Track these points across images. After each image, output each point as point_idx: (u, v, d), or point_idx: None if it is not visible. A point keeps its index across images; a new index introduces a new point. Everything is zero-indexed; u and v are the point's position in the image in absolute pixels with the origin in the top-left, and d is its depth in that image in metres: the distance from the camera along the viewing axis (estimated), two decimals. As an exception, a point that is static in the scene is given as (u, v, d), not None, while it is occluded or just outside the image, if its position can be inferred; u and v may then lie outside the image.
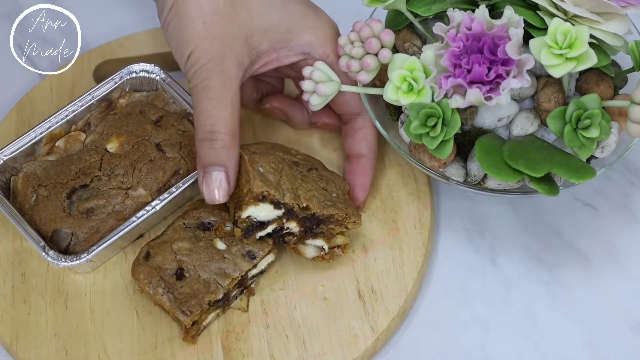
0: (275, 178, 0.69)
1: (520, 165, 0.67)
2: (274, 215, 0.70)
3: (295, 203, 0.69)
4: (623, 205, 0.82)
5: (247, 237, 0.70)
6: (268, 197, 0.68)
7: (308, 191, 0.70)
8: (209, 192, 0.69)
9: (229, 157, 0.68)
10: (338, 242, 0.73)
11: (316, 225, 0.71)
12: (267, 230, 0.71)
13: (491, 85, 0.67)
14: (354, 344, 0.73)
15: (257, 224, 0.70)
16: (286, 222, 0.70)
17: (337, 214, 0.71)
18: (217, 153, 0.68)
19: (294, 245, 0.72)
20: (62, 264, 0.72)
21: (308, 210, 0.70)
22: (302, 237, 0.72)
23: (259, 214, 0.69)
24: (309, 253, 0.73)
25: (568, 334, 0.75)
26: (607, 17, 0.69)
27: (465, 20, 0.68)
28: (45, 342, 0.73)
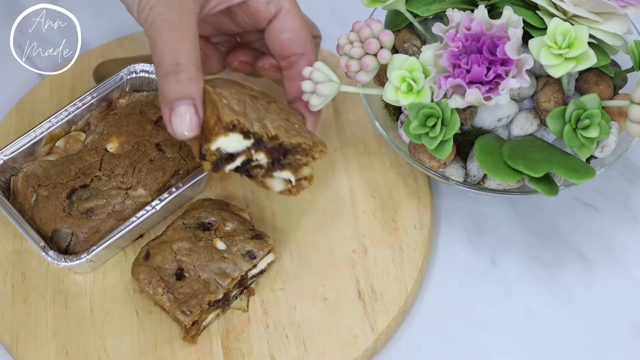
0: (241, 108, 0.67)
1: (520, 165, 0.67)
2: (243, 146, 0.67)
3: (264, 132, 0.67)
4: (623, 205, 0.82)
5: (217, 170, 0.67)
6: (238, 126, 0.65)
7: (274, 121, 0.68)
8: (179, 127, 0.65)
9: (196, 89, 0.65)
10: (304, 173, 0.71)
11: (283, 156, 0.69)
12: (235, 163, 0.68)
13: (490, 85, 0.67)
14: (354, 344, 0.73)
15: (226, 157, 0.67)
16: (255, 154, 0.68)
17: (304, 142, 0.69)
18: (183, 86, 0.65)
19: (261, 179, 0.70)
20: (62, 264, 0.72)
21: (276, 140, 0.67)
22: (269, 169, 0.69)
23: (228, 145, 0.66)
24: (276, 186, 0.71)
25: (568, 333, 0.75)
26: (606, 17, 0.69)
27: (465, 21, 0.68)
28: (45, 342, 0.73)
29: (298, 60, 0.72)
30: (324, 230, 0.78)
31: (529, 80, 0.67)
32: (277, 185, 0.71)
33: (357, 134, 0.83)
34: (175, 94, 0.65)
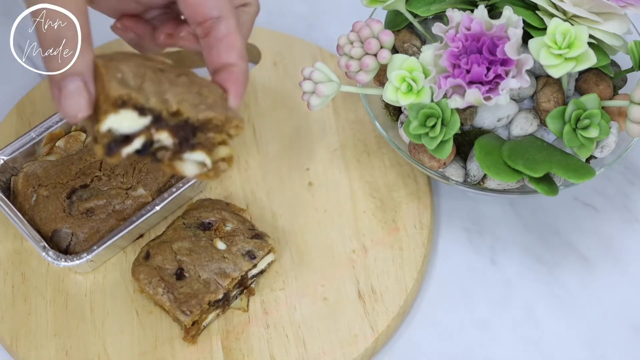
0: (137, 82, 0.58)
1: (520, 166, 0.67)
2: (140, 125, 0.58)
3: (163, 107, 0.58)
4: (623, 205, 0.82)
5: (111, 154, 0.58)
6: (129, 102, 0.56)
7: (178, 95, 0.59)
8: (69, 107, 0.56)
9: (85, 64, 0.57)
10: (221, 154, 0.61)
11: (192, 134, 0.60)
12: (134, 145, 0.58)
13: (490, 86, 0.67)
14: (354, 344, 0.73)
15: (120, 138, 0.57)
16: (156, 133, 0.58)
17: (215, 117, 0.59)
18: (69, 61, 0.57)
19: (169, 162, 0.60)
20: (62, 264, 0.72)
21: (180, 116, 0.58)
22: (177, 150, 0.60)
23: (120, 125, 0.57)
24: (189, 170, 0.61)
25: (568, 333, 0.75)
26: (606, 17, 0.69)
27: (464, 21, 0.68)
28: (45, 342, 0.73)
29: (214, 25, 0.63)
30: (324, 230, 0.78)
31: (528, 81, 0.67)
32: (189, 169, 0.61)
33: (357, 134, 0.83)
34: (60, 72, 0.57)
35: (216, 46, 0.63)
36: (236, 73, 0.63)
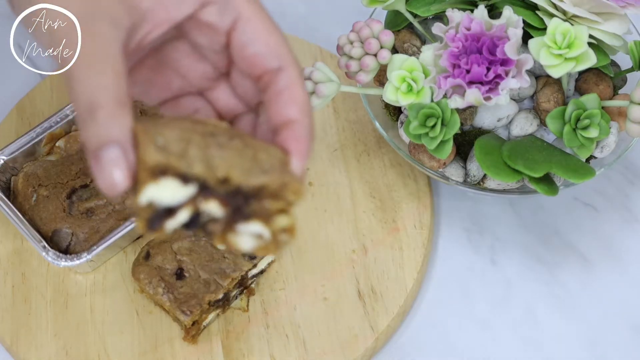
0: (180, 147, 0.52)
1: (520, 166, 0.67)
2: (184, 195, 0.51)
3: (210, 174, 0.51)
4: (623, 205, 0.82)
5: (154, 229, 0.51)
6: (170, 169, 0.50)
7: (227, 160, 0.52)
8: (106, 177, 0.50)
9: (121, 129, 0.51)
10: (281, 224, 0.53)
11: (245, 203, 0.52)
12: (178, 219, 0.51)
13: (490, 86, 0.67)
14: (354, 344, 0.73)
15: (163, 211, 0.51)
16: (203, 204, 0.51)
17: (270, 183, 0.52)
18: (103, 127, 0.51)
19: (221, 235, 0.53)
20: (62, 264, 0.72)
21: (229, 183, 0.51)
22: (229, 222, 0.52)
23: (162, 196, 0.50)
24: (245, 244, 0.53)
25: (568, 333, 0.75)
26: (606, 17, 0.69)
27: (464, 21, 0.68)
28: (45, 342, 0.73)
29: (274, 77, 0.56)
30: (324, 230, 0.78)
31: (528, 81, 0.67)
32: (245, 243, 0.53)
33: (357, 134, 0.83)
34: (96, 140, 0.51)
35: (275, 101, 0.56)
36: (297, 130, 0.56)
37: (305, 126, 0.56)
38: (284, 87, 0.56)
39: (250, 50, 0.56)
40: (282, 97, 0.56)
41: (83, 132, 0.51)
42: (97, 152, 0.51)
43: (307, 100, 0.57)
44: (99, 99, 0.51)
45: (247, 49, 0.56)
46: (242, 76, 0.58)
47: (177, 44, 0.58)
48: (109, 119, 0.51)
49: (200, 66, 0.58)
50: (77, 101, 0.52)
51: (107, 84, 0.52)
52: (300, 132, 0.56)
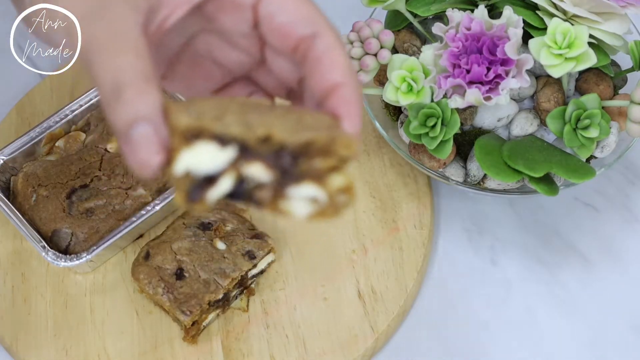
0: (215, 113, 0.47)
1: (520, 165, 0.67)
2: (223, 159, 0.46)
3: (249, 133, 0.46)
4: (623, 205, 0.82)
5: (195, 201, 0.46)
6: (204, 131, 0.45)
7: (267, 121, 0.47)
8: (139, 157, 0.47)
9: (148, 105, 0.48)
10: (336, 184, 0.47)
11: (293, 163, 0.47)
12: (221, 187, 0.46)
13: (490, 85, 0.67)
14: (354, 344, 0.73)
15: (202, 180, 0.46)
16: (246, 167, 0.46)
17: (318, 137, 0.46)
18: (130, 105, 0.48)
19: (271, 203, 0.47)
20: (62, 264, 0.72)
21: (272, 142, 0.46)
22: (278, 187, 0.47)
23: (199, 162, 0.46)
24: (300, 210, 0.47)
25: (568, 334, 0.75)
26: (606, 16, 0.69)
27: (465, 21, 0.68)
28: (45, 342, 0.73)
29: (310, 45, 0.52)
30: (324, 230, 0.78)
31: (528, 80, 0.67)
32: (299, 209, 0.48)
33: (357, 134, 0.83)
34: (124, 119, 0.48)
35: (316, 68, 0.52)
36: (344, 93, 0.51)
37: (352, 88, 0.52)
38: (323, 52, 0.52)
39: (280, 19, 0.52)
40: (323, 63, 0.52)
41: (110, 115, 0.48)
42: (126, 131, 0.47)
43: (350, 63, 0.53)
44: (123, 77, 0.48)
45: (276, 18, 0.52)
46: (277, 56, 0.54)
47: (205, 36, 0.55)
48: (136, 96, 0.48)
49: (234, 55, 0.55)
50: (101, 85, 0.49)
51: (130, 62, 0.49)
52: (348, 95, 0.51)
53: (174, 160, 0.45)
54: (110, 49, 0.49)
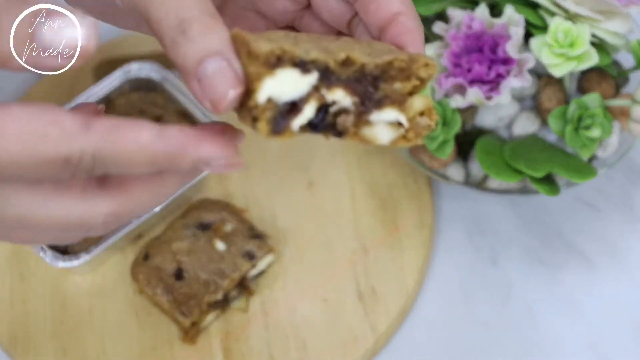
0: (290, 41, 0.47)
1: (521, 165, 0.67)
2: (306, 85, 0.46)
3: (329, 57, 0.46)
4: (625, 205, 0.81)
5: (280, 131, 0.45)
6: (285, 58, 0.45)
7: (343, 47, 0.47)
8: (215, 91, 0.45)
9: (219, 39, 0.46)
10: (417, 106, 0.47)
11: (374, 88, 0.47)
12: (305, 114, 0.46)
13: (492, 85, 0.67)
14: (354, 345, 0.72)
15: (286, 108, 0.45)
16: (328, 94, 0.46)
17: (397, 58, 0.46)
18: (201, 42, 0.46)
19: (354, 129, 0.47)
20: (61, 265, 0.72)
21: (352, 65, 0.46)
22: (361, 112, 0.47)
23: (282, 89, 0.45)
24: (383, 136, 0.47)
25: (569, 334, 0.75)
26: (608, 15, 0.69)
27: (466, 20, 0.68)
28: (43, 343, 0.73)
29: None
30: (324, 230, 0.78)
31: (530, 80, 0.67)
32: (383, 134, 0.48)
33: (357, 133, 0.83)
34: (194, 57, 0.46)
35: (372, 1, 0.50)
36: (405, 22, 0.50)
37: (412, 16, 0.51)
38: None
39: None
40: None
41: (177, 55, 0.46)
42: (197, 70, 0.46)
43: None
44: (188, 14, 0.46)
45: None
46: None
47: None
48: (204, 31, 0.46)
49: (278, 3, 0.54)
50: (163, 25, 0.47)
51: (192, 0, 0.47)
52: (409, 24, 0.50)
53: (257, 89, 0.44)
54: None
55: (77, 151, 0.42)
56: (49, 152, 0.42)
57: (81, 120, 0.42)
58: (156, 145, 0.44)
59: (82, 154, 0.42)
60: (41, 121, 0.42)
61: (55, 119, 0.42)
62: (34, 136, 0.41)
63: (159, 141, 0.44)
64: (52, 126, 0.42)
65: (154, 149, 0.44)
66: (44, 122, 0.42)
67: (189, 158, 0.45)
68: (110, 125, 0.43)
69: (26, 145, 0.41)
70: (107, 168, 0.43)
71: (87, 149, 0.42)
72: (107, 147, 0.43)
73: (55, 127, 0.42)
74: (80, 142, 0.42)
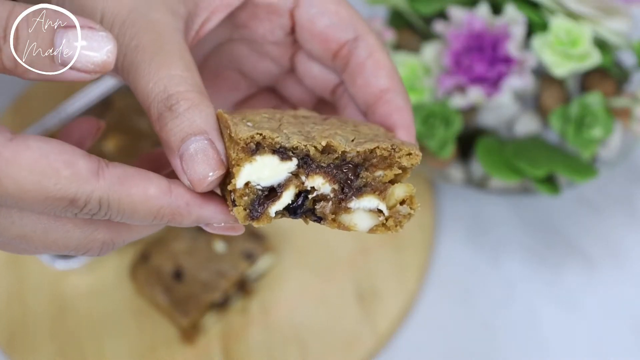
0: (272, 125, 0.47)
1: (523, 165, 0.67)
2: (284, 171, 0.46)
3: (309, 145, 0.45)
4: (626, 205, 0.81)
5: (256, 217, 0.45)
6: (265, 144, 0.45)
7: (325, 131, 0.47)
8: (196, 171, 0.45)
9: (205, 118, 0.46)
10: (398, 195, 0.47)
11: (355, 175, 0.46)
12: (283, 200, 0.46)
13: (493, 84, 0.67)
14: (354, 346, 0.72)
15: (264, 194, 0.45)
16: (308, 180, 0.46)
17: (379, 147, 0.46)
18: (185, 119, 0.46)
19: (333, 215, 0.47)
20: (59, 266, 0.72)
21: (333, 152, 0.45)
22: (341, 199, 0.47)
23: (261, 176, 0.45)
24: (362, 223, 0.47)
25: (570, 334, 0.75)
26: (610, 14, 0.69)
27: (467, 19, 0.68)
28: (42, 344, 0.72)
29: (353, 49, 0.50)
30: (324, 230, 0.77)
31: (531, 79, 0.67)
32: (361, 222, 0.48)
33: (357, 133, 0.83)
34: (179, 135, 0.46)
35: (360, 73, 0.50)
36: (394, 99, 0.50)
37: (400, 93, 0.50)
38: (367, 56, 0.50)
39: (321, 23, 0.51)
40: (367, 67, 0.50)
41: (162, 129, 0.46)
42: (180, 147, 0.46)
43: (395, 67, 0.51)
44: (176, 89, 0.47)
45: (317, 22, 0.51)
46: (311, 63, 0.53)
47: (232, 45, 0.54)
48: (191, 109, 0.46)
49: (261, 64, 0.54)
50: (150, 97, 0.47)
51: (180, 73, 0.47)
52: (397, 101, 0.50)
53: (236, 174, 0.45)
54: (157, 57, 0.47)
55: (84, 195, 0.42)
56: (56, 190, 0.42)
57: (94, 165, 0.43)
58: (162, 200, 0.44)
59: (89, 199, 0.43)
60: (55, 159, 0.42)
61: (70, 160, 0.42)
62: (45, 172, 0.42)
63: (166, 197, 0.44)
64: (65, 166, 0.42)
65: (160, 204, 0.44)
66: (58, 161, 0.42)
67: (192, 218, 0.45)
68: (121, 174, 0.43)
69: (35, 179, 0.42)
70: (112, 214, 0.44)
71: (95, 194, 0.43)
72: (115, 196, 0.43)
73: (67, 167, 0.42)
74: (89, 187, 0.42)
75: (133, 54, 0.48)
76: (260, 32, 0.52)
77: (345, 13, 0.50)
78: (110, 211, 0.43)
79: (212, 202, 0.46)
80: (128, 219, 0.44)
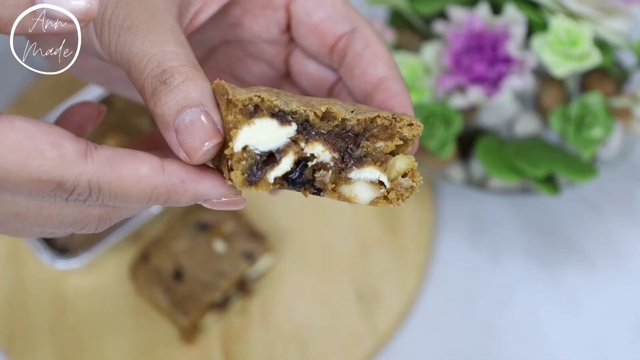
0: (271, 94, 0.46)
1: (523, 165, 0.67)
2: (284, 136, 0.44)
3: (308, 110, 0.44)
4: (626, 205, 0.81)
5: (254, 182, 0.44)
6: (264, 107, 0.44)
7: (326, 102, 0.46)
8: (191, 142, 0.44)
9: (200, 91, 0.45)
10: (399, 167, 0.46)
11: (355, 144, 0.45)
12: (282, 166, 0.45)
13: (493, 84, 0.67)
14: (354, 345, 0.72)
15: (263, 158, 0.44)
16: (307, 146, 0.45)
17: (380, 115, 0.45)
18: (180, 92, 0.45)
19: (333, 185, 0.45)
20: (59, 265, 0.71)
21: (332, 119, 0.45)
22: (341, 169, 0.45)
23: (259, 139, 0.44)
24: (363, 195, 0.46)
25: (571, 334, 0.75)
26: (610, 15, 0.69)
27: (467, 19, 0.68)
28: (41, 344, 0.72)
29: (350, 41, 0.50)
30: (324, 230, 0.78)
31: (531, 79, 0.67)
32: (362, 194, 0.46)
33: (358, 133, 0.83)
34: (174, 107, 0.45)
35: (358, 64, 0.50)
36: (392, 86, 0.50)
37: (399, 80, 0.50)
38: (364, 47, 0.50)
39: (318, 16, 0.50)
40: (365, 57, 0.50)
41: (157, 104, 0.45)
42: (175, 120, 0.45)
43: (392, 57, 0.51)
44: (170, 64, 0.46)
45: (314, 15, 0.50)
46: (307, 61, 0.53)
47: (226, 48, 0.54)
48: (186, 82, 0.45)
49: (256, 68, 0.54)
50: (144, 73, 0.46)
51: (173, 49, 0.47)
52: (396, 88, 0.50)
53: (234, 137, 0.43)
54: (150, 35, 0.47)
55: (72, 177, 0.41)
56: (41, 172, 0.41)
57: (82, 147, 0.41)
58: (156, 180, 0.43)
59: (77, 182, 0.41)
60: (41, 140, 0.41)
61: (56, 141, 0.41)
62: (29, 152, 0.40)
63: (159, 176, 0.43)
64: (51, 147, 0.41)
65: (154, 183, 0.43)
66: (44, 142, 0.41)
67: (189, 195, 0.44)
68: (111, 155, 0.42)
69: (18, 159, 0.40)
70: (104, 199, 0.42)
71: (84, 177, 0.41)
72: (105, 179, 0.42)
73: (53, 149, 0.41)
74: (77, 170, 0.41)
75: (126, 35, 0.47)
76: (254, 30, 0.52)
77: (341, 5, 0.50)
78: (101, 195, 0.42)
79: (209, 176, 0.44)
80: (122, 202, 0.43)
